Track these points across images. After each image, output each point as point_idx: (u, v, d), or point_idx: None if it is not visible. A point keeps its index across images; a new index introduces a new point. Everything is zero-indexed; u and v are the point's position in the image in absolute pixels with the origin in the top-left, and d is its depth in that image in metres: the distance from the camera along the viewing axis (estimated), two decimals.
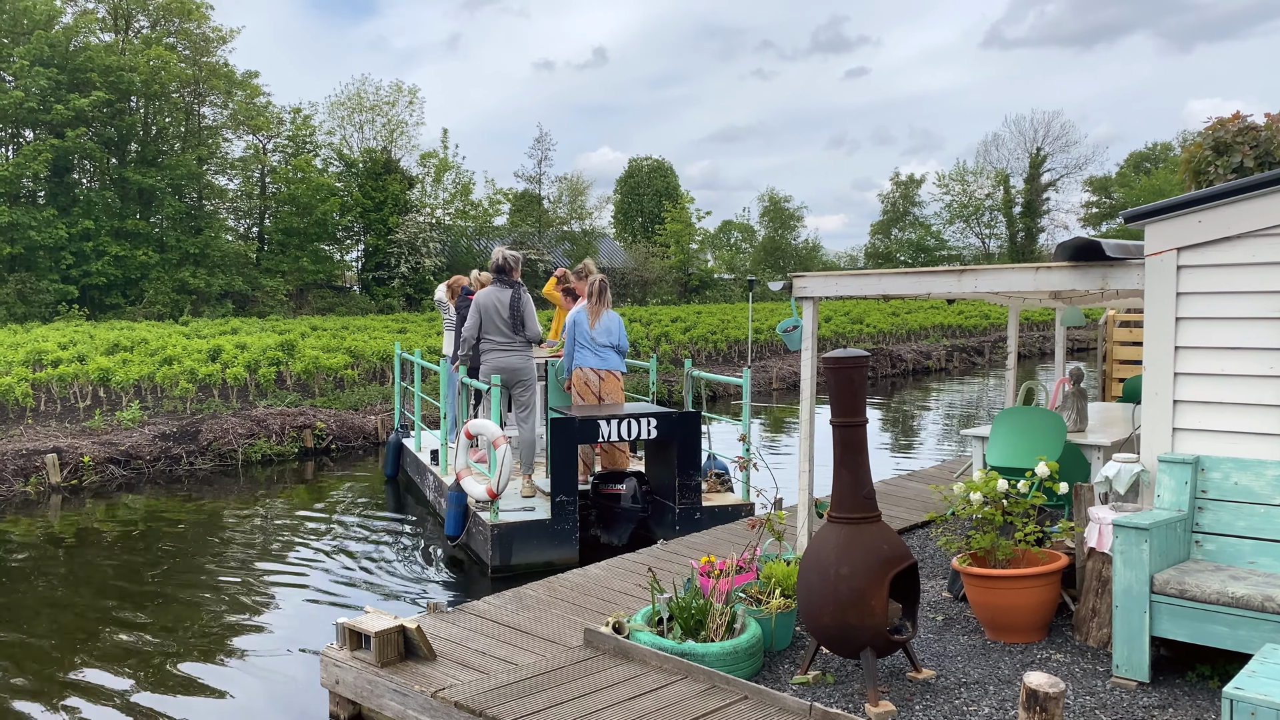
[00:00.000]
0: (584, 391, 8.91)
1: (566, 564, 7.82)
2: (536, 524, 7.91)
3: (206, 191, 40.80)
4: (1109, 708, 4.48)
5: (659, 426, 8.16)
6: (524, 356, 8.65)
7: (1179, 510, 4.93)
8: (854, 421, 4.68)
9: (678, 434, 8.22)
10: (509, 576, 7.73)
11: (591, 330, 8.84)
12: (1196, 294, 5.03)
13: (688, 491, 8.26)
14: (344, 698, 5.17)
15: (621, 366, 9.01)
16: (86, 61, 36.26)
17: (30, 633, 6.90)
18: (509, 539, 7.86)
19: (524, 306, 8.56)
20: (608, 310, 8.95)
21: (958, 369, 28.86)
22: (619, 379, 8.99)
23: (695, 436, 8.27)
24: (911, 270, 5.99)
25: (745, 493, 8.67)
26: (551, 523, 7.90)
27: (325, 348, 19.95)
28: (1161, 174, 62.31)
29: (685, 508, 8.26)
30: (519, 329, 8.52)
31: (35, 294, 33.09)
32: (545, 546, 7.90)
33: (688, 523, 8.22)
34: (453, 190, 46.83)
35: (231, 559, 8.77)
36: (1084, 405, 7.34)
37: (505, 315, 8.51)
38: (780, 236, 64.65)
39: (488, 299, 8.62)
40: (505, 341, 8.56)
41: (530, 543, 7.88)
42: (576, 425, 7.92)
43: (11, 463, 11.85)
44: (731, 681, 4.59)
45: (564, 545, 7.92)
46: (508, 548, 7.86)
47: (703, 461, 9.13)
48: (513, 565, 7.85)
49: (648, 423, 8.12)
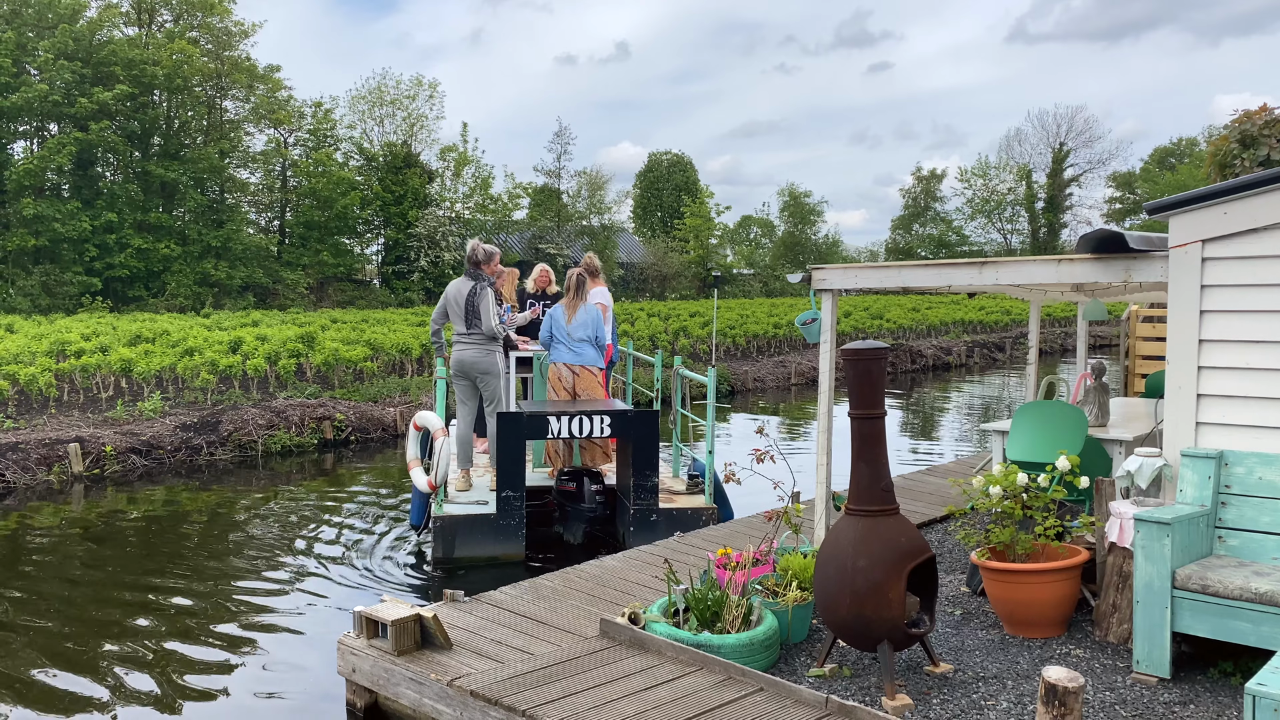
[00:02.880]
0: (557, 388, 8.86)
1: (512, 560, 7.80)
2: (481, 518, 7.83)
3: (228, 185, 41.02)
4: (1129, 703, 4.44)
5: (613, 424, 7.93)
6: (482, 350, 8.52)
7: (1202, 505, 4.87)
8: (873, 414, 4.65)
9: (632, 432, 7.96)
10: (452, 570, 7.77)
11: (568, 326, 8.80)
12: (1221, 286, 4.97)
13: (643, 493, 7.96)
14: (360, 686, 5.19)
15: (598, 361, 8.90)
16: (110, 55, 36.52)
17: (54, 616, 6.96)
18: (452, 532, 7.82)
19: (479, 300, 8.43)
20: (586, 304, 8.91)
21: (979, 365, 28.69)
22: (596, 374, 8.88)
23: (652, 435, 7.95)
24: (932, 262, 5.95)
25: (710, 497, 8.36)
26: (497, 517, 7.81)
27: (345, 340, 20.03)
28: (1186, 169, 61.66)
29: (640, 509, 7.97)
30: (473, 322, 8.49)
31: (59, 286, 33.39)
32: (489, 541, 7.81)
33: (643, 525, 7.96)
34: (472, 184, 46.91)
35: (250, 548, 8.82)
36: (1106, 400, 7.27)
37: (461, 308, 8.46)
38: (800, 231, 64.39)
39: (452, 290, 8.59)
40: (463, 335, 8.52)
41: (474, 537, 7.81)
42: (524, 421, 7.81)
43: (35, 452, 11.97)
44: (747, 673, 4.58)
45: (509, 540, 7.82)
46: (451, 541, 7.83)
47: (691, 462, 9.07)
48: (456, 559, 7.83)
49: (600, 420, 7.90)
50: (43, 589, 7.67)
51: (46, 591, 7.61)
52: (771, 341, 27.15)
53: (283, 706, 5.62)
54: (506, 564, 7.75)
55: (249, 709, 5.56)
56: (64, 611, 7.14)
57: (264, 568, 8.19)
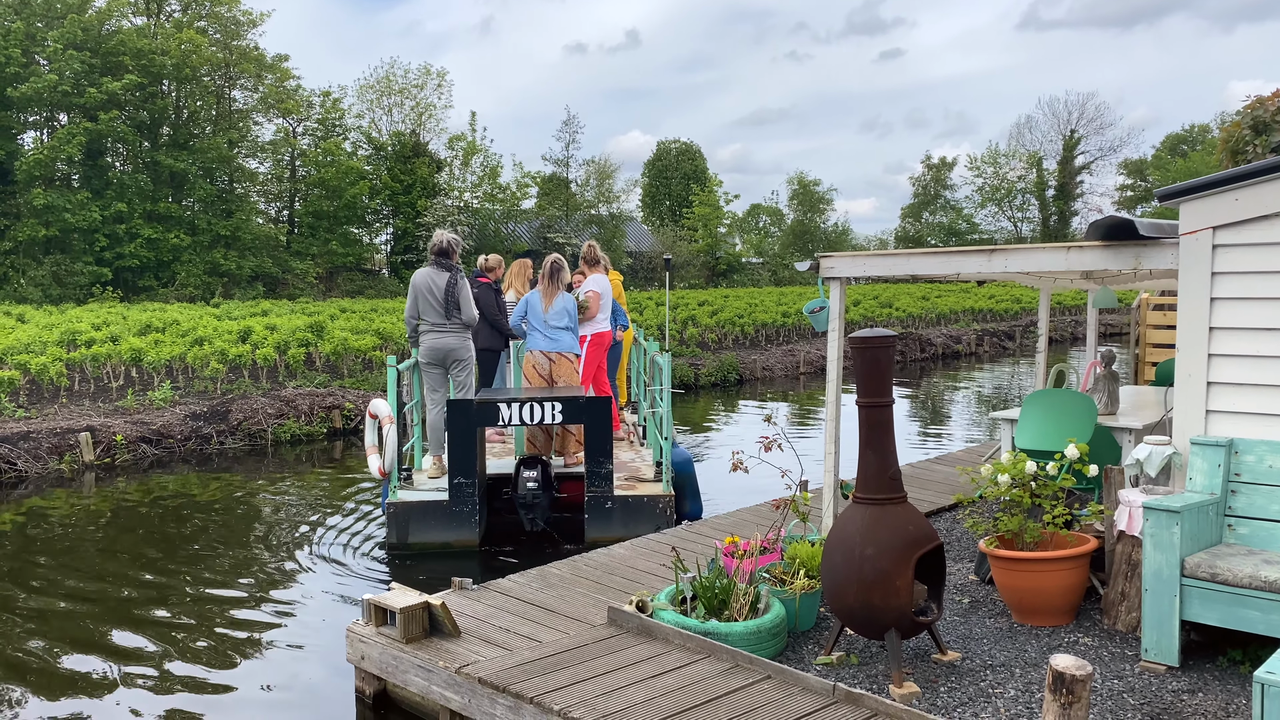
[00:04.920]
0: (532, 375, 8.86)
1: (465, 546, 7.79)
2: (434, 504, 7.84)
3: (237, 174, 41.11)
4: (1137, 691, 4.43)
5: (564, 411, 7.85)
6: (459, 338, 8.58)
7: (1211, 493, 4.85)
8: (880, 402, 4.63)
9: (585, 419, 7.90)
10: (406, 555, 7.81)
11: (545, 313, 8.79)
12: (1232, 274, 4.93)
13: (597, 480, 7.90)
14: (369, 673, 5.21)
15: (575, 348, 8.89)
16: (119, 45, 36.59)
17: (68, 602, 7.01)
18: (406, 518, 7.85)
19: (459, 291, 8.50)
20: (563, 292, 8.90)
21: (988, 353, 28.60)
22: (573, 360, 8.88)
23: (605, 422, 7.88)
24: (940, 250, 5.92)
25: (667, 484, 8.19)
26: (450, 504, 7.81)
27: (354, 329, 20.07)
28: (1198, 156, 61.23)
29: (595, 496, 7.91)
30: (453, 312, 8.52)
31: (70, 276, 33.54)
32: (442, 528, 7.82)
33: (597, 513, 7.90)
34: (480, 174, 46.89)
35: (258, 536, 8.86)
36: (1115, 388, 7.24)
37: (439, 298, 8.49)
38: (809, 220, 64.18)
39: (422, 281, 8.60)
40: (439, 324, 8.54)
41: (427, 523, 7.83)
42: (474, 408, 7.79)
43: (46, 441, 12.03)
44: (755, 661, 4.58)
45: (462, 527, 7.81)
46: (405, 527, 7.86)
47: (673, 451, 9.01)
48: (410, 544, 7.86)
49: (552, 407, 7.85)
50: (54, 575, 7.71)
51: (58, 578, 7.65)
52: (780, 330, 27.10)
53: (290, 693, 5.64)
54: (460, 551, 7.78)
55: (255, 696, 5.59)
56: (75, 597, 7.18)
57: (272, 556, 8.22)
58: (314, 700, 5.57)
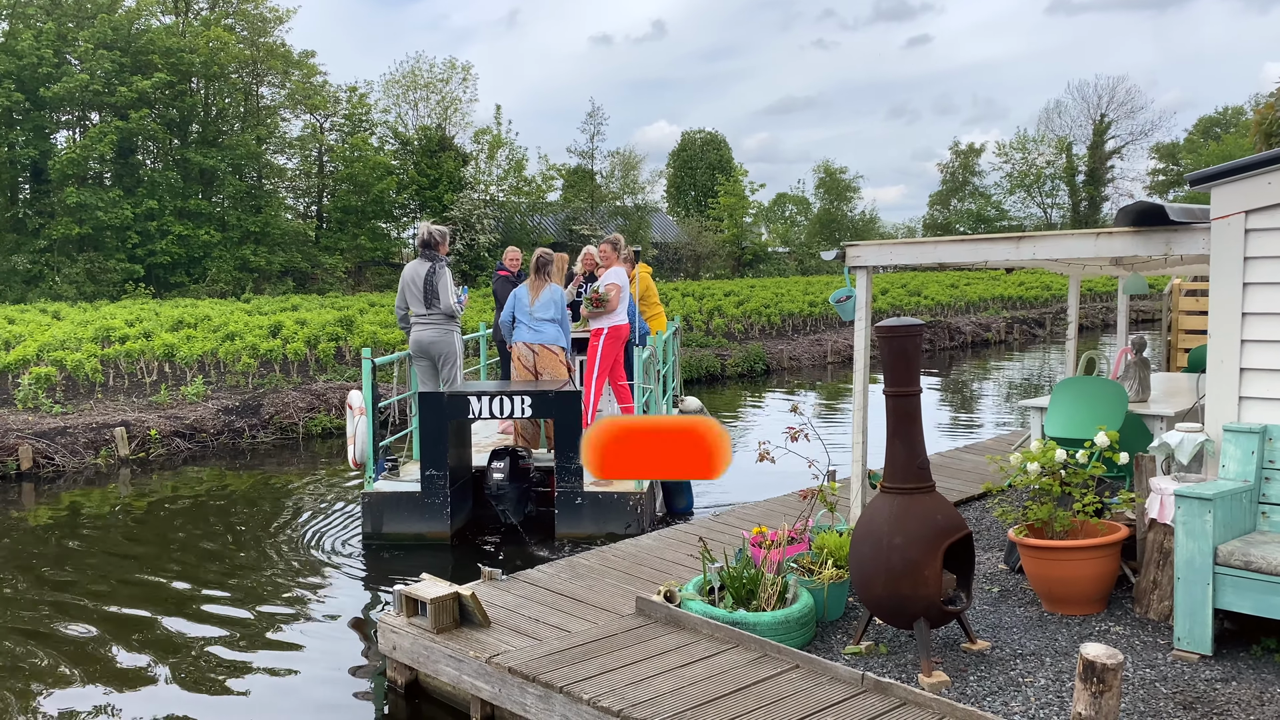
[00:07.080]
0: (518, 368, 8.87)
1: (437, 538, 7.85)
2: (406, 495, 7.91)
3: (266, 171, 41.43)
4: (1169, 680, 4.40)
5: (534, 405, 7.83)
6: (441, 330, 8.58)
7: (1245, 481, 4.80)
8: (907, 391, 4.62)
9: (555, 413, 7.87)
10: (381, 545, 7.91)
11: (531, 306, 8.79)
12: (1265, 258, 4.87)
13: (567, 475, 7.84)
14: (401, 663, 5.27)
15: (560, 340, 8.87)
16: (148, 44, 36.96)
17: (105, 592, 7.13)
18: (379, 509, 7.96)
19: (438, 280, 8.52)
20: (551, 284, 8.91)
21: (1018, 341, 28.36)
22: (558, 353, 8.86)
23: (575, 416, 7.85)
24: (968, 237, 5.88)
25: (639, 481, 7.98)
26: (421, 495, 7.86)
27: (383, 323, 20.20)
28: (1231, 139, 60.25)
29: (565, 491, 7.85)
30: (433, 302, 8.55)
31: (103, 273, 33.98)
32: (414, 519, 7.89)
33: (567, 509, 7.85)
34: (506, 167, 46.98)
35: (292, 527, 8.96)
36: (1146, 375, 7.17)
37: (420, 288, 8.54)
38: (836, 208, 63.78)
39: (408, 273, 8.66)
40: (422, 315, 8.58)
41: (399, 514, 7.92)
42: (445, 401, 7.81)
43: (82, 436, 12.22)
44: (783, 650, 4.59)
45: (434, 519, 7.86)
46: (378, 518, 7.97)
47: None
48: (384, 534, 7.96)
49: (522, 400, 7.82)
50: (92, 564, 7.85)
51: (95, 569, 7.78)
52: (807, 320, 27.01)
53: (320, 685, 5.70)
54: (433, 542, 7.84)
55: (285, 685, 5.66)
56: (111, 588, 7.30)
57: (306, 545, 8.31)
58: (341, 689, 5.62)
